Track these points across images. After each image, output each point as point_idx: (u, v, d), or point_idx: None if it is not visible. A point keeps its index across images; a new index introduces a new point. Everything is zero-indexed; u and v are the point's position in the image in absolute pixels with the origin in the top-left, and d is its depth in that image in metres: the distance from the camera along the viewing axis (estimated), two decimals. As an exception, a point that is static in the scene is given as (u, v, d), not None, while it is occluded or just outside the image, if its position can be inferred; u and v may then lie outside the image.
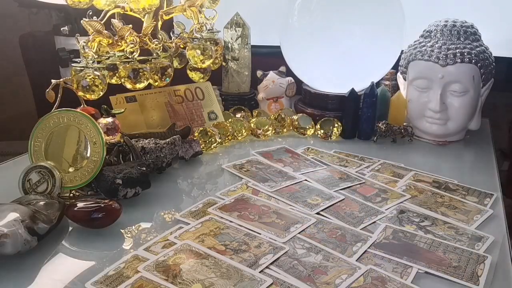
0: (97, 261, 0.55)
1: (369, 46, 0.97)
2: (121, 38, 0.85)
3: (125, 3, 0.87)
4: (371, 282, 0.52)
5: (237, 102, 1.10)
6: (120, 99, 0.89)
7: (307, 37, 0.99)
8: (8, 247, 0.52)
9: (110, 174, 0.68)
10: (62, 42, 1.42)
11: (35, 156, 0.70)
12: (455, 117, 0.95)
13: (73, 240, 0.60)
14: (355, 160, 0.87)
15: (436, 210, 0.69)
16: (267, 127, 0.98)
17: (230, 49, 1.10)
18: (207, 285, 0.50)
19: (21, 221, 0.54)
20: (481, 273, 0.54)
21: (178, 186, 0.77)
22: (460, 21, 0.97)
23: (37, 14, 1.69)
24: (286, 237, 0.59)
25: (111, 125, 0.77)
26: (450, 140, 0.99)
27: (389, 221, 0.65)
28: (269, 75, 1.12)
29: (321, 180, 0.77)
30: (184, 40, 0.98)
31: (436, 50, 0.94)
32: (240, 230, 0.61)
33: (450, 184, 0.78)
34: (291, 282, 0.51)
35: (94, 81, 0.79)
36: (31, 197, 0.62)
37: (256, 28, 1.13)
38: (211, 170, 0.82)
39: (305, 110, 1.06)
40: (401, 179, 0.79)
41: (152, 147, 0.76)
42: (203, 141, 0.89)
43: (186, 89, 0.97)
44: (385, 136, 0.98)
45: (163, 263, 0.53)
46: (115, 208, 0.61)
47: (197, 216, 0.65)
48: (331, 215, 0.66)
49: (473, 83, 0.93)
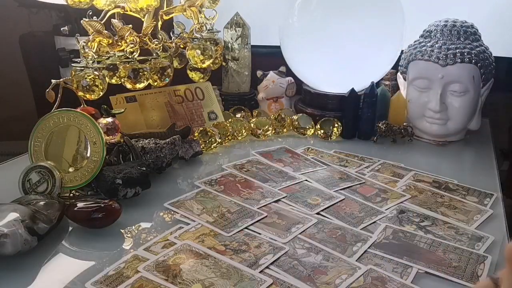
0: (97, 261, 0.55)
1: (369, 46, 0.97)
2: (121, 38, 0.85)
3: (125, 3, 0.87)
4: (371, 282, 0.52)
5: (237, 102, 1.10)
6: (120, 99, 0.89)
7: (307, 37, 0.99)
8: (8, 247, 0.52)
9: (110, 174, 0.68)
10: (62, 42, 1.42)
11: (35, 156, 0.70)
12: (455, 117, 0.95)
13: (73, 240, 0.60)
14: (355, 160, 0.87)
15: (436, 210, 0.69)
16: (267, 127, 0.98)
17: (230, 49, 1.10)
18: (207, 285, 0.50)
19: (21, 221, 0.54)
20: (481, 273, 0.54)
21: (178, 186, 0.76)
22: (460, 21, 0.97)
23: (37, 14, 1.69)
24: (288, 238, 0.59)
25: (111, 125, 0.77)
26: (450, 140, 0.99)
27: (389, 221, 0.65)
28: (269, 75, 1.12)
29: (321, 180, 0.77)
30: (184, 40, 0.98)
31: (436, 50, 0.94)
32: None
33: (450, 184, 0.78)
34: (291, 282, 0.51)
35: (94, 81, 0.79)
36: (31, 197, 0.62)
37: (256, 28, 1.13)
38: (211, 170, 0.82)
39: (305, 110, 1.06)
40: (401, 179, 0.79)
41: (152, 147, 0.76)
42: (203, 141, 0.89)
43: (186, 89, 0.97)
44: (385, 136, 0.98)
45: (163, 263, 0.53)
46: (115, 208, 0.61)
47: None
48: (331, 215, 0.66)
49: (473, 83, 0.93)
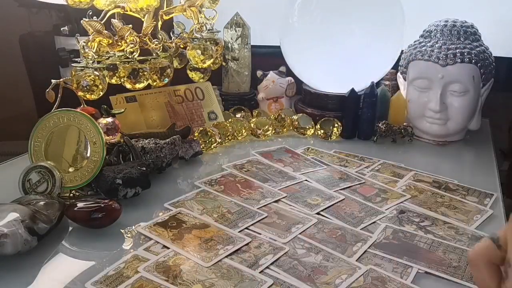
0: (97, 261, 0.55)
1: (369, 46, 0.97)
2: (121, 38, 0.85)
3: (125, 3, 0.87)
4: (371, 282, 0.52)
5: (237, 102, 1.10)
6: (120, 99, 0.89)
7: (307, 37, 0.99)
8: (8, 247, 0.52)
9: (110, 174, 0.68)
10: (62, 42, 1.42)
11: (35, 156, 0.70)
12: (455, 117, 0.95)
13: (73, 240, 0.60)
14: (355, 160, 0.87)
15: (436, 210, 0.69)
16: (267, 127, 0.98)
17: (230, 49, 1.09)
18: (208, 286, 0.50)
19: (21, 221, 0.54)
20: (481, 273, 0.54)
21: (178, 186, 0.76)
22: (460, 21, 0.97)
23: (37, 14, 1.69)
24: (288, 238, 0.59)
25: (111, 125, 0.77)
26: (450, 140, 0.99)
27: (389, 221, 0.65)
28: (269, 75, 1.12)
29: (321, 180, 0.77)
30: (184, 40, 0.98)
31: (436, 50, 0.94)
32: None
33: (450, 184, 0.78)
34: (291, 282, 0.51)
35: (94, 81, 0.79)
36: (31, 197, 0.62)
37: (256, 28, 1.13)
38: (211, 170, 0.82)
39: (305, 110, 1.06)
40: (401, 179, 0.79)
41: (152, 147, 0.76)
42: (203, 141, 0.89)
43: (186, 89, 0.97)
44: (385, 136, 0.98)
45: (163, 264, 0.53)
46: (115, 208, 0.61)
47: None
48: (331, 215, 0.66)
49: (473, 83, 0.93)
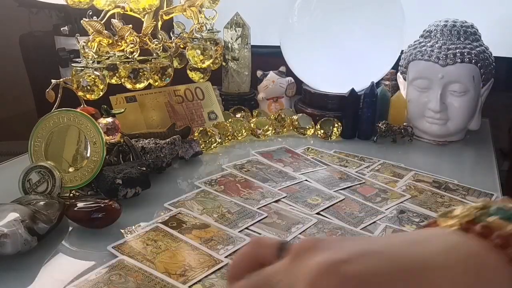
0: (97, 261, 0.55)
1: (369, 46, 0.97)
2: (121, 38, 0.85)
3: (125, 3, 0.87)
4: (371, 282, 0.51)
5: (237, 102, 1.10)
6: (120, 99, 0.89)
7: (307, 37, 0.99)
8: (8, 247, 0.52)
9: (110, 174, 0.68)
10: (62, 42, 1.42)
11: (35, 156, 0.70)
12: (455, 117, 0.95)
13: (73, 240, 0.60)
14: (355, 160, 0.87)
15: (436, 210, 0.69)
16: (267, 127, 0.98)
17: (230, 49, 1.09)
18: (208, 286, 0.50)
19: (21, 221, 0.54)
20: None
21: (178, 186, 0.76)
22: (460, 21, 0.97)
23: (37, 14, 1.69)
24: (288, 238, 0.59)
25: (111, 125, 0.77)
26: (450, 140, 0.99)
27: (389, 221, 0.65)
28: (269, 75, 1.12)
29: (321, 180, 0.77)
30: (184, 40, 0.98)
31: (436, 50, 0.94)
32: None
33: (450, 184, 0.78)
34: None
35: (94, 81, 0.79)
36: (31, 197, 0.62)
37: (256, 28, 1.13)
38: (211, 170, 0.82)
39: (305, 110, 1.06)
40: (401, 179, 0.79)
41: (152, 147, 0.76)
42: (203, 141, 0.89)
43: (186, 89, 0.97)
44: (385, 136, 0.98)
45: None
46: (115, 208, 0.61)
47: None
48: (331, 215, 0.66)
49: (473, 83, 0.93)
